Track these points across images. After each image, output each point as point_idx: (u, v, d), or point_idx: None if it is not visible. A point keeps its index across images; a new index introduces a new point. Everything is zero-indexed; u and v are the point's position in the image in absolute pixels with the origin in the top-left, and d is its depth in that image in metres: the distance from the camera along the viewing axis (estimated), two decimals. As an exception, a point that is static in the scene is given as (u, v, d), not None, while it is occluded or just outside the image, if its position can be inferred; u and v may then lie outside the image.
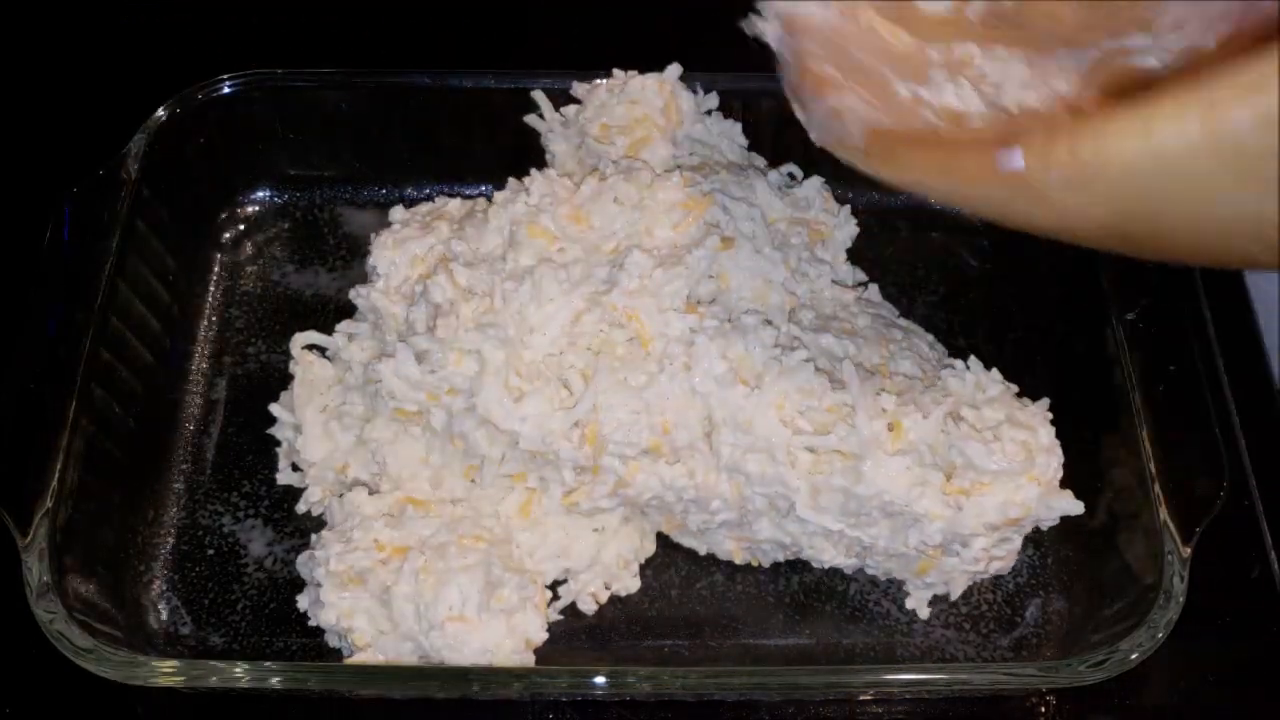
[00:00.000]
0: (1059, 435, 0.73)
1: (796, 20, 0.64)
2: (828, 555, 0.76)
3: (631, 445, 0.72)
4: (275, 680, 0.68)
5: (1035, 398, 0.75)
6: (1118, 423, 0.78)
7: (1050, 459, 0.71)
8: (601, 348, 0.74)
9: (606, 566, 0.79)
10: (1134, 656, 0.68)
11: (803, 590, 0.80)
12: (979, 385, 0.74)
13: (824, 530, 0.73)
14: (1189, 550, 0.71)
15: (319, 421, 0.82)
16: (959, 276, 0.95)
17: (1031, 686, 0.73)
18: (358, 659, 0.73)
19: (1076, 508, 0.72)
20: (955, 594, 0.78)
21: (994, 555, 0.74)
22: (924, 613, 0.78)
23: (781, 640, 0.78)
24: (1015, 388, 0.75)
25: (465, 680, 0.69)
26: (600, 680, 0.68)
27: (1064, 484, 0.72)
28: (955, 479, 0.70)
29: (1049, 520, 0.73)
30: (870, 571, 0.78)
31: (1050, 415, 0.74)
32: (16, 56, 1.09)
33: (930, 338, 0.83)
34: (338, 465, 0.81)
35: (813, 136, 0.59)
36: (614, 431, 0.72)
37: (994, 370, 0.75)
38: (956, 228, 0.97)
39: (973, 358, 0.76)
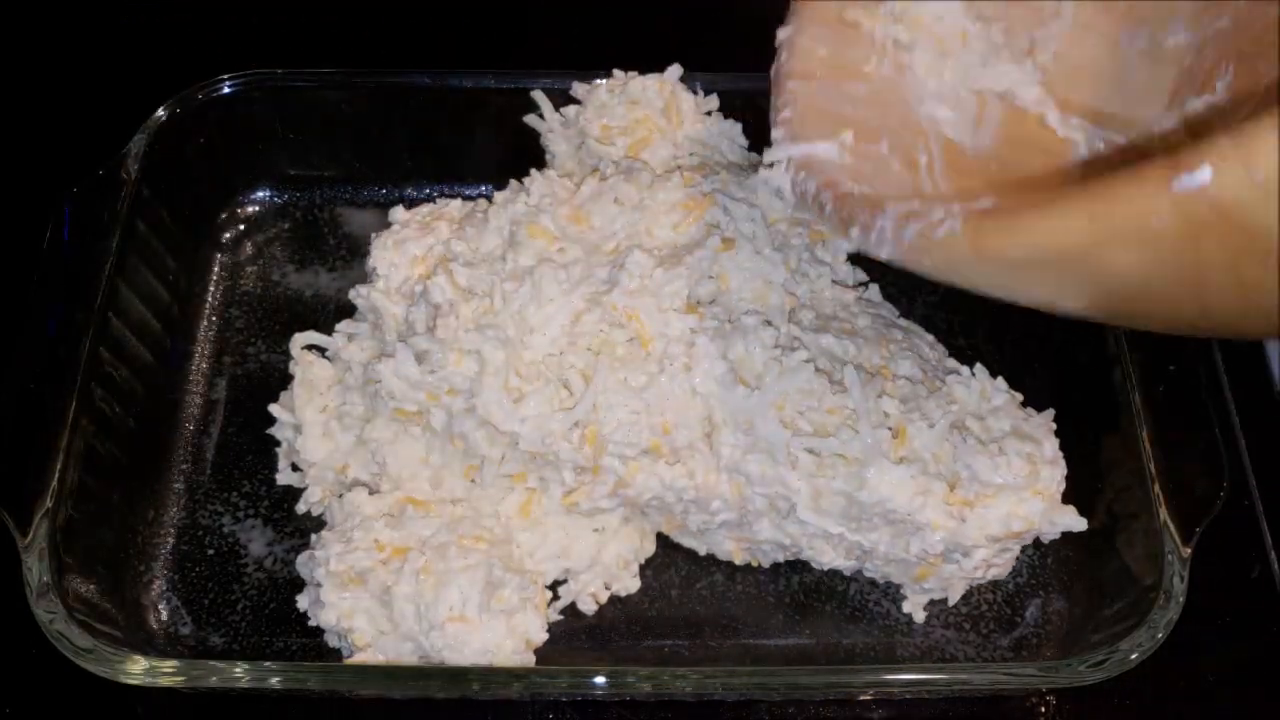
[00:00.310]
0: (1058, 435, 0.73)
1: (813, 159, 0.62)
2: (827, 557, 0.76)
3: (631, 445, 0.72)
4: (275, 680, 0.68)
5: (1035, 398, 0.75)
6: (1118, 423, 0.78)
7: (1055, 472, 0.71)
8: (601, 348, 0.74)
9: (606, 567, 0.79)
10: (1134, 656, 0.68)
11: (803, 590, 0.80)
12: (984, 394, 0.74)
13: (824, 533, 0.73)
14: (1189, 550, 0.71)
15: (319, 421, 0.82)
16: (959, 276, 0.95)
17: (1031, 686, 0.73)
18: (358, 659, 0.73)
19: (1079, 524, 0.72)
20: (953, 599, 0.78)
21: (992, 563, 0.74)
22: (920, 617, 0.78)
23: (781, 640, 0.78)
24: (1020, 396, 0.75)
25: (465, 680, 0.69)
26: (600, 680, 0.68)
27: (1065, 486, 0.72)
28: (959, 490, 0.70)
29: (1051, 534, 0.73)
30: (869, 574, 0.78)
31: (1055, 426, 0.73)
32: (17, 56, 1.09)
33: (930, 338, 0.83)
34: (338, 465, 0.81)
35: (884, 258, 0.54)
36: (614, 432, 0.72)
37: (999, 379, 0.75)
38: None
39: (979, 365, 0.76)
